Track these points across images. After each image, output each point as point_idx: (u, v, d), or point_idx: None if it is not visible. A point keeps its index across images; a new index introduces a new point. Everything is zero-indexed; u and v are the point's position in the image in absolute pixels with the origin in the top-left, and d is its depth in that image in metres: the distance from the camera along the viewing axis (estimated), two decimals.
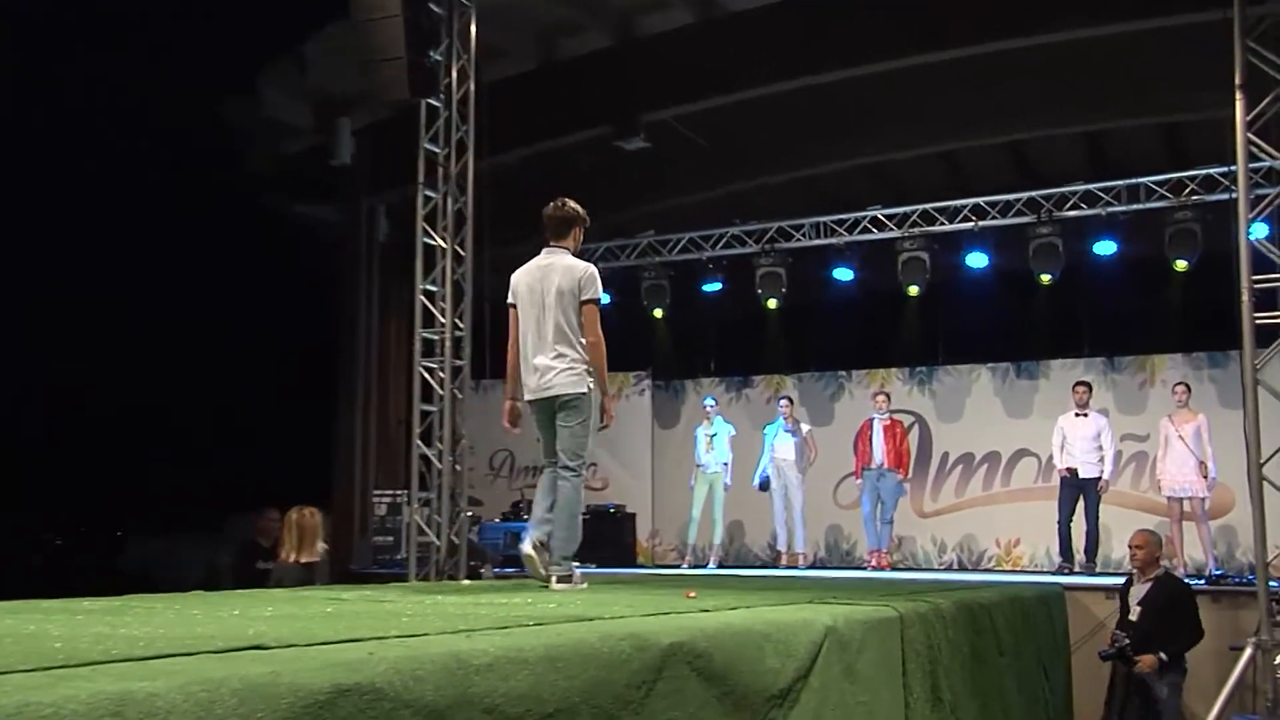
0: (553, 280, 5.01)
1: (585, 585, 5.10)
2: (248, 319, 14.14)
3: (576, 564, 5.11)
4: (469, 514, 8.97)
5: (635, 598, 4.57)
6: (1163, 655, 6.32)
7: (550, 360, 4.99)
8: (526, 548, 5.08)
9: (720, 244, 11.26)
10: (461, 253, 8.02)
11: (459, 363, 8.08)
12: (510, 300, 5.11)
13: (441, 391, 7.97)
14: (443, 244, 7.95)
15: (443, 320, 7.99)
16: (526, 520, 9.92)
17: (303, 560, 6.12)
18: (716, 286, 11.48)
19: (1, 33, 11.62)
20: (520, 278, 5.12)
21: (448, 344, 7.96)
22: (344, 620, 3.09)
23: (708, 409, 11.20)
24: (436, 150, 7.92)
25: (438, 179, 7.91)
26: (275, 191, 10.90)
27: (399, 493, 9.75)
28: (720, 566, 11.06)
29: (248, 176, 11.02)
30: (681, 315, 11.94)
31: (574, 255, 5.10)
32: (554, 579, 5.05)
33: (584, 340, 4.99)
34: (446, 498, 7.87)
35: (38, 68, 13.87)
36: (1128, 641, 6.50)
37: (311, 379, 11.45)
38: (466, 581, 5.64)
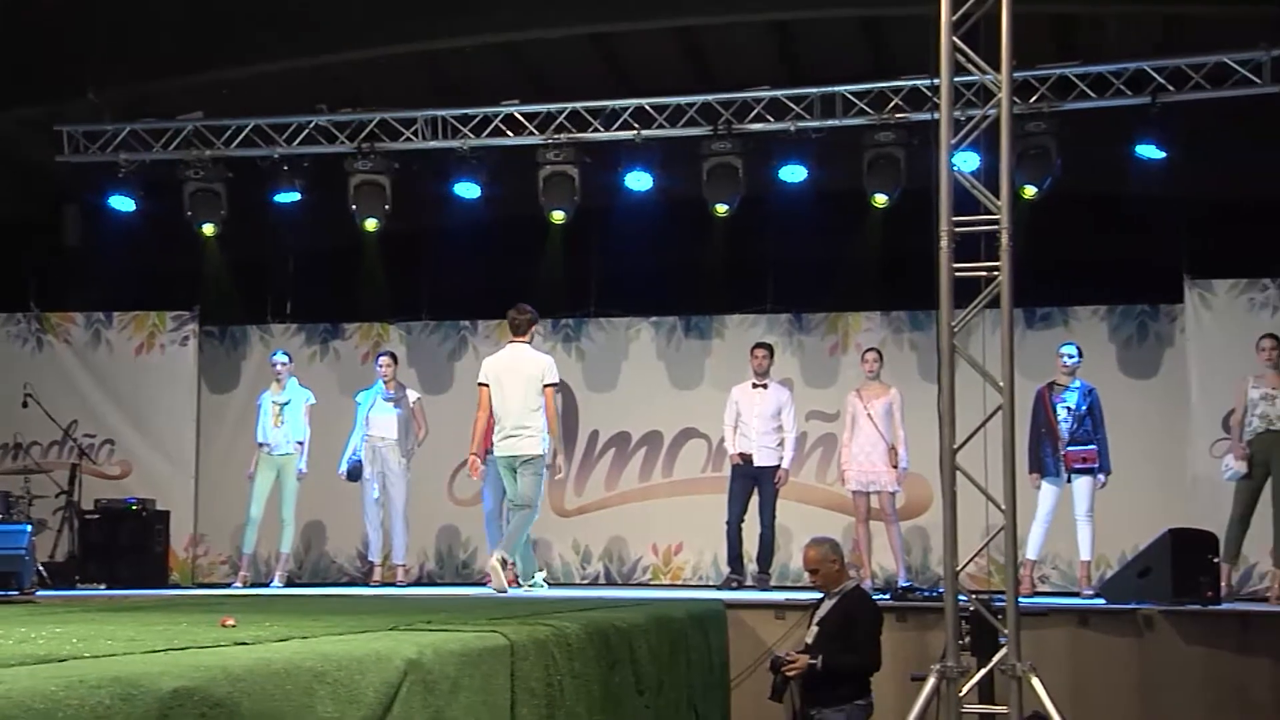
0: (522, 370, 9.08)
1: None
2: None
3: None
4: None
5: (143, 629, 4.44)
6: (815, 664, 6.89)
7: (519, 430, 9.00)
8: (493, 560, 8.96)
9: (300, 138, 10.98)
10: None
11: None
12: (484, 381, 9.17)
13: None
14: None
15: None
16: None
17: None
18: (293, 197, 11.20)
19: None
20: (494, 366, 9.21)
21: None
22: None
23: (277, 367, 10.99)
24: None
25: None
26: None
27: None
28: (290, 584, 11.00)
29: None
30: (243, 235, 11.57)
31: (532, 347, 9.29)
32: (494, 556, 9.00)
33: (544, 415, 9.05)
34: None
35: None
36: (784, 655, 7.04)
37: None
38: None
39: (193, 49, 10.36)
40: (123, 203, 11.28)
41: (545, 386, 9.07)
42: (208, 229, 11.16)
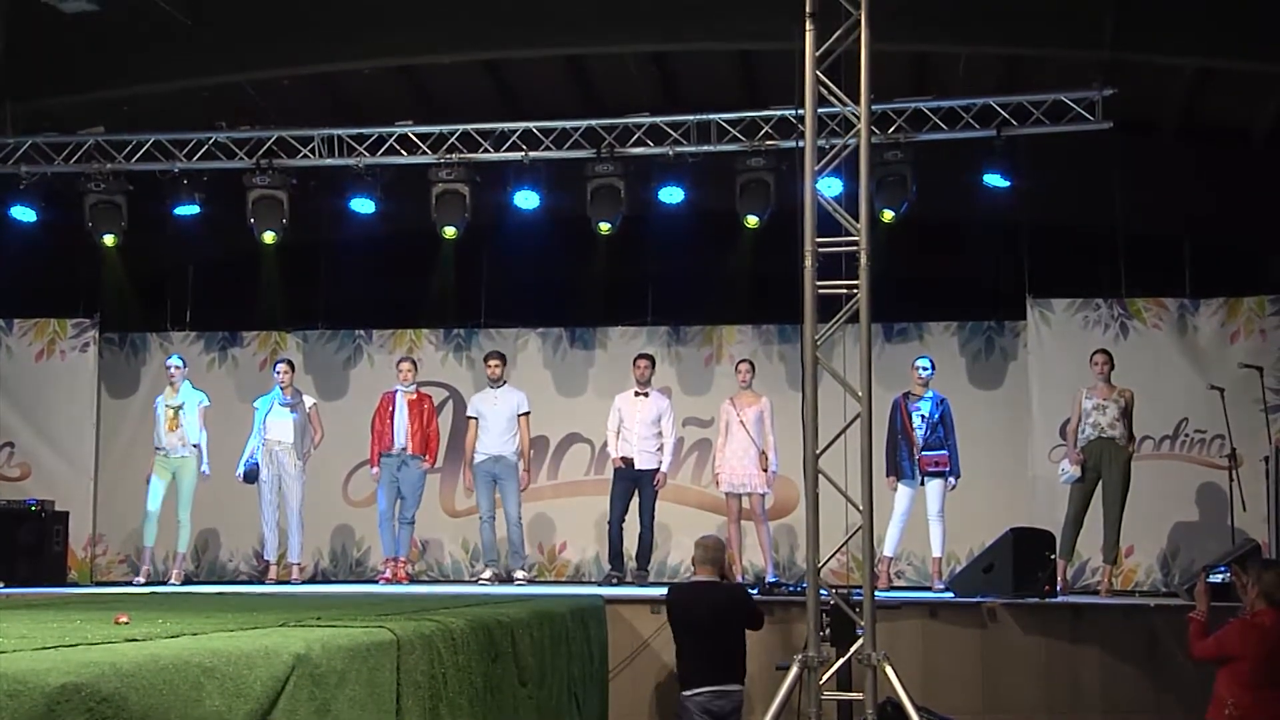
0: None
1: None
2: None
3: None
4: None
5: (36, 627, 4.27)
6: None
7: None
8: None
9: (200, 154, 10.74)
10: None
11: None
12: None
13: None
14: None
15: None
16: None
17: None
18: (193, 210, 10.96)
19: None
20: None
21: None
22: None
23: (171, 371, 10.72)
24: None
25: None
26: None
27: None
28: (187, 582, 10.73)
29: None
30: (143, 245, 11.30)
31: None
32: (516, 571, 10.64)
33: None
34: None
35: None
36: None
37: None
38: None
39: (95, 66, 10.09)
40: (24, 213, 10.93)
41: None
42: (108, 240, 10.86)
